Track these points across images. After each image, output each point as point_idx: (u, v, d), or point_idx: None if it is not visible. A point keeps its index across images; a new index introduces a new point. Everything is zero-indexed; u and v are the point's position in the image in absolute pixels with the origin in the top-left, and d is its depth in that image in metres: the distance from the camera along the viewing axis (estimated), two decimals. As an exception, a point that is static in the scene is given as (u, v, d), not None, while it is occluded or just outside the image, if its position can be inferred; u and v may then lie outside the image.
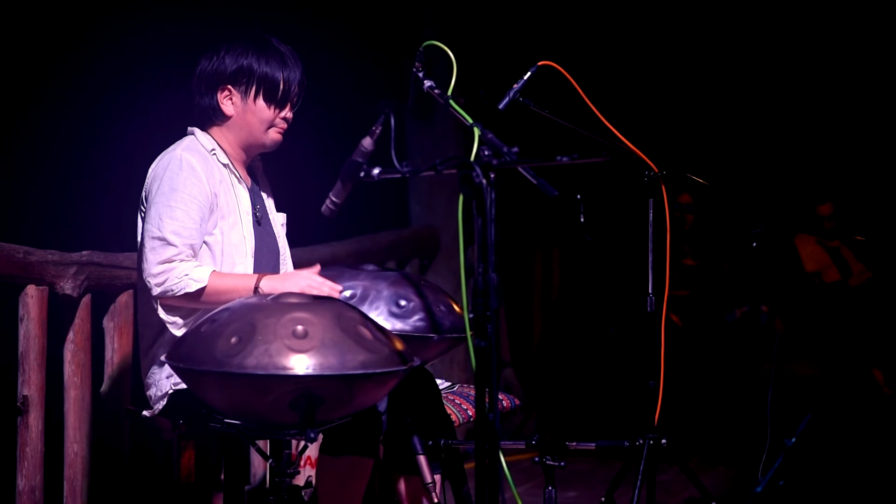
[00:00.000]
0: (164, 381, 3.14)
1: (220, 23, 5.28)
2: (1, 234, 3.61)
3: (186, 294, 3.03)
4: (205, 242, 3.14)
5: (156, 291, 3.04)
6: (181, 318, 3.09)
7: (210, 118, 3.25)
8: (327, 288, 3.05)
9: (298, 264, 3.45)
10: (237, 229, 3.19)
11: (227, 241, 3.17)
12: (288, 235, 3.45)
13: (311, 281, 3.05)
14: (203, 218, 3.11)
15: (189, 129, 3.27)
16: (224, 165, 3.22)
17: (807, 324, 6.70)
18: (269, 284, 3.04)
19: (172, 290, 3.03)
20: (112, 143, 5.06)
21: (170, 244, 3.04)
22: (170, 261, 3.04)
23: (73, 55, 5.04)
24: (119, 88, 5.15)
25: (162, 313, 3.07)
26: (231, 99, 3.22)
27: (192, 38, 3.63)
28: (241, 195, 3.23)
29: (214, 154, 3.20)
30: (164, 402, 3.15)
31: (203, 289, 3.02)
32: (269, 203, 3.42)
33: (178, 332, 3.08)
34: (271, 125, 3.23)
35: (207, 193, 3.12)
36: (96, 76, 5.07)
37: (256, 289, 3.04)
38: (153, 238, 3.05)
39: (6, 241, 3.60)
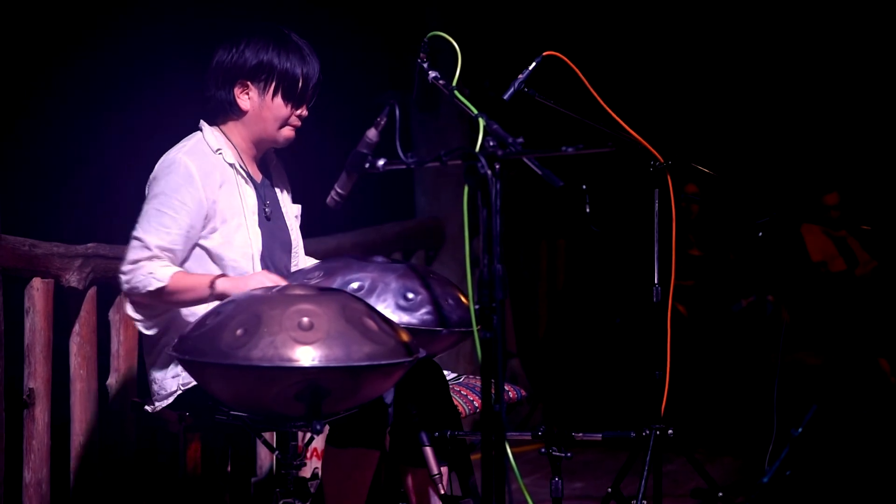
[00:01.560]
0: (170, 380, 3.15)
1: (227, 14, 5.27)
2: (6, 226, 3.61)
3: (149, 292, 3.03)
4: (202, 247, 3.13)
5: (124, 288, 3.08)
6: (144, 317, 3.12)
7: (224, 112, 3.21)
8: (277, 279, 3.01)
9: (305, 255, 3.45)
10: (242, 231, 3.17)
11: (229, 244, 3.14)
12: (300, 227, 3.43)
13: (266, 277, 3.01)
14: (192, 225, 3.09)
15: (200, 122, 3.23)
16: (230, 165, 3.18)
17: (813, 314, 6.69)
18: (225, 284, 3.02)
19: (137, 288, 3.04)
20: (118, 135, 5.06)
21: (145, 246, 3.05)
22: (138, 260, 3.05)
23: (80, 45, 5.03)
24: (125, 79, 5.14)
25: (129, 310, 3.12)
26: (248, 94, 3.18)
27: (202, 29, 3.63)
28: (247, 196, 3.20)
29: (220, 153, 3.17)
30: (169, 401, 3.15)
31: (163, 287, 3.02)
32: (284, 196, 3.38)
33: (147, 332, 3.14)
34: (286, 123, 3.21)
35: (202, 200, 3.09)
36: (103, 67, 5.07)
37: (212, 285, 3.01)
38: (134, 237, 3.08)
39: (11, 234, 3.60)
